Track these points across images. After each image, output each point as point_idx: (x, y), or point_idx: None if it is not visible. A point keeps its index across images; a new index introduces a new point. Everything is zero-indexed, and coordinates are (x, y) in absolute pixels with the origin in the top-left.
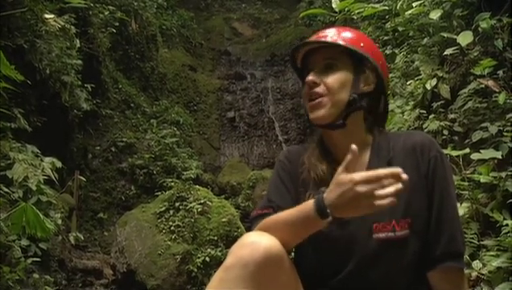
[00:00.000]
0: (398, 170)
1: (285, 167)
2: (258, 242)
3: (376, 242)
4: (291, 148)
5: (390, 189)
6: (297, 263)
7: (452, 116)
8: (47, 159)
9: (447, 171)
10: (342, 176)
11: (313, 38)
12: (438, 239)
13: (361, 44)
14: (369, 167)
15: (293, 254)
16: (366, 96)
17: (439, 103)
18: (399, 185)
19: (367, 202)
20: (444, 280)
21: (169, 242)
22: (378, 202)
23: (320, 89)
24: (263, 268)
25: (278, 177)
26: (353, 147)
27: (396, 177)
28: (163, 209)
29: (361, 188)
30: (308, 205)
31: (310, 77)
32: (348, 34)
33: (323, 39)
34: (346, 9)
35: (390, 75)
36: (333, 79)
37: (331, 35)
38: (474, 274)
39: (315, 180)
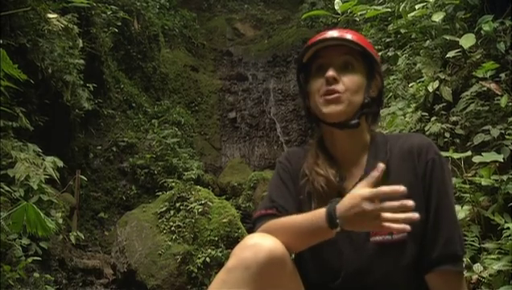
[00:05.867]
0: (401, 188)
1: (286, 168)
2: (260, 243)
3: (373, 245)
4: (291, 150)
5: (398, 225)
6: (297, 265)
7: (453, 118)
8: (49, 159)
9: (445, 173)
10: (356, 190)
11: (327, 35)
12: (435, 242)
13: (374, 50)
14: (367, 168)
15: (293, 256)
16: (373, 100)
17: (441, 105)
18: (407, 227)
19: (373, 222)
20: (442, 283)
21: (169, 243)
22: (387, 224)
23: (339, 87)
24: (266, 270)
25: (279, 178)
26: (381, 165)
27: (397, 194)
28: (164, 209)
29: (367, 206)
30: (319, 213)
31: (330, 73)
32: (362, 38)
33: (348, 38)
34: (349, 10)
35: (392, 77)
36: (351, 80)
37: (349, 35)
38: (475, 277)
39: (319, 191)
